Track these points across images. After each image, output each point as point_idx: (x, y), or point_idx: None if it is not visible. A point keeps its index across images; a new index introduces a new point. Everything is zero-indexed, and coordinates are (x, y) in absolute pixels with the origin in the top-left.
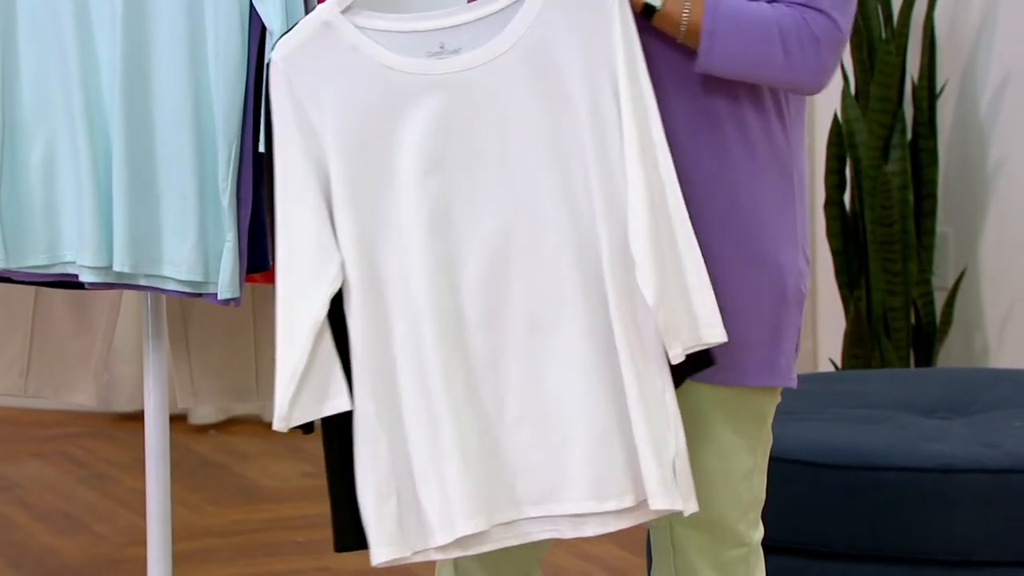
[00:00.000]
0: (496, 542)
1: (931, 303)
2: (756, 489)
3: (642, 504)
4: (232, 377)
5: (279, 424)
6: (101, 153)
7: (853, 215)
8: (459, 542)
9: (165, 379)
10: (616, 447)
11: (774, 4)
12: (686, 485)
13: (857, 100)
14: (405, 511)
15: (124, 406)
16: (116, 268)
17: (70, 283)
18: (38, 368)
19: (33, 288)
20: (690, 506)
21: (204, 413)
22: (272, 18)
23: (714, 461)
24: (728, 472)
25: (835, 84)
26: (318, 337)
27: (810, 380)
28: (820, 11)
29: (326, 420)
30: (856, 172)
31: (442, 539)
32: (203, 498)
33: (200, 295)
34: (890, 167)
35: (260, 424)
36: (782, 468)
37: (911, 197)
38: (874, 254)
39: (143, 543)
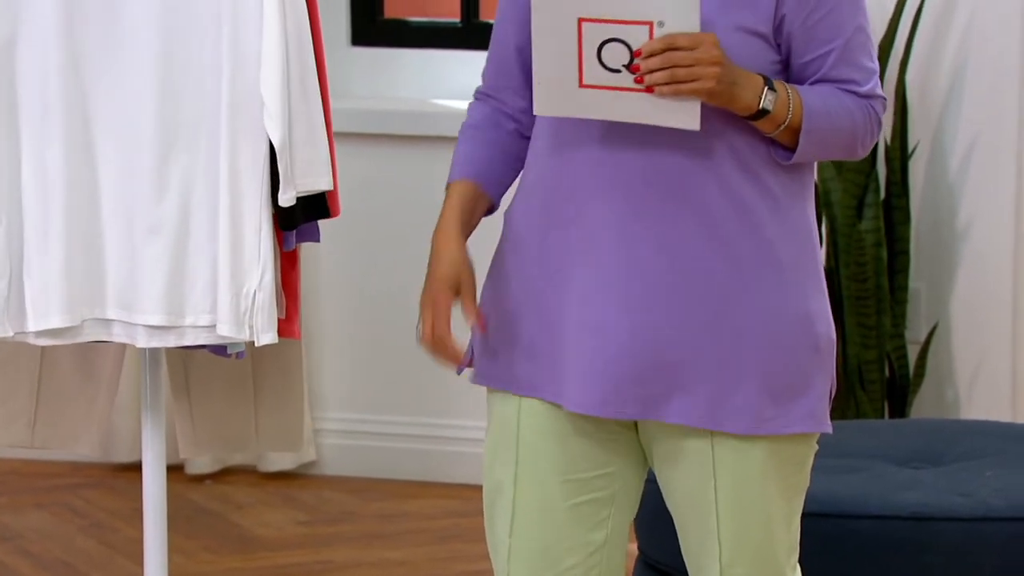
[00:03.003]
0: (87, 335)
1: (904, 356)
2: (795, 533)
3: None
4: (232, 428)
5: None
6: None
7: (828, 271)
8: (52, 332)
9: (163, 430)
10: (200, 271)
11: (847, 92)
12: (263, 319)
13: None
14: (13, 294)
15: (123, 457)
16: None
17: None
18: (44, 420)
19: None
20: (263, 339)
21: (200, 463)
22: None
23: (760, 508)
24: (773, 518)
25: None
26: None
27: None
28: (878, 97)
29: None
30: (831, 230)
31: (34, 326)
32: (199, 546)
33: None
34: (864, 225)
35: (255, 474)
36: None
37: (884, 254)
38: (849, 309)
39: None
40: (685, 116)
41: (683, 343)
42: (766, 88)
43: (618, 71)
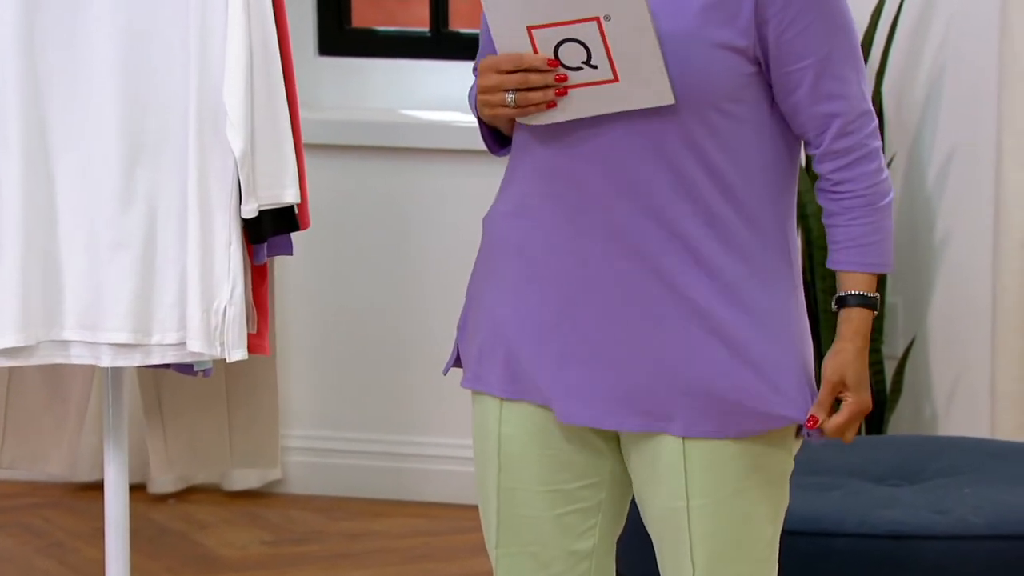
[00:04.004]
0: (43, 357)
1: (881, 372)
2: (774, 554)
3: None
4: (206, 445)
5: None
6: None
7: (804, 285)
8: (6, 352)
9: (125, 449)
10: (168, 286)
11: (861, 192)
12: (234, 335)
13: (808, 172)
14: None
15: (84, 476)
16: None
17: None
18: (13, 440)
19: None
20: (234, 355)
21: (163, 482)
22: None
23: (738, 528)
24: (752, 540)
25: None
26: None
27: None
28: (868, 126)
29: None
30: (807, 242)
31: None
32: (162, 567)
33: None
34: None
35: (219, 493)
36: None
37: None
38: (825, 323)
39: None
40: (657, 93)
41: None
42: (871, 312)
43: (580, 68)
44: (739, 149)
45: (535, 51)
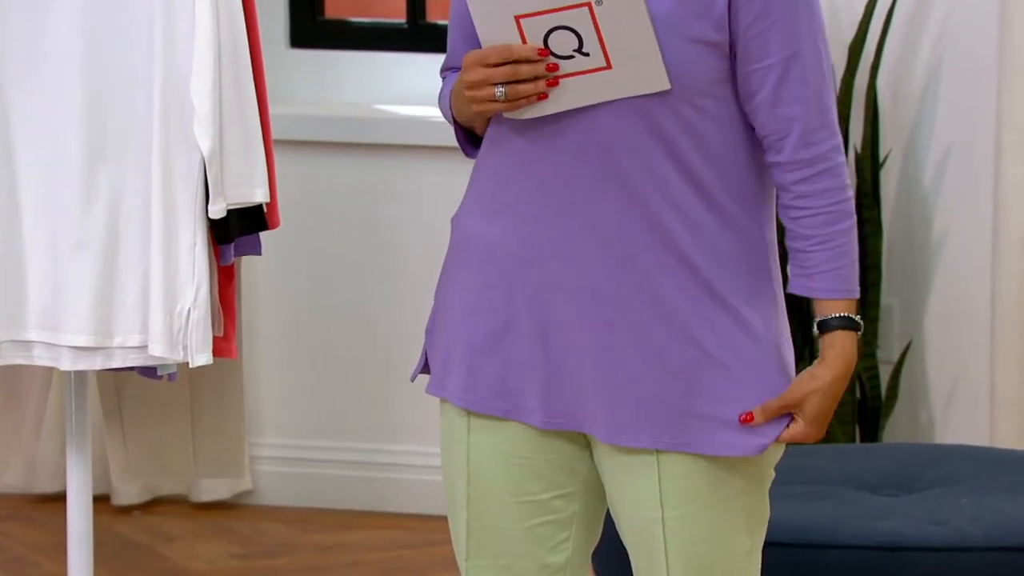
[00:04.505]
0: (5, 358)
1: (876, 376)
2: (755, 567)
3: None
4: (169, 454)
5: None
6: None
7: None
8: None
9: (89, 458)
10: (130, 287)
11: (823, 210)
12: (198, 338)
13: None
14: None
15: (44, 487)
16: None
17: None
18: None
19: None
20: (198, 359)
21: (128, 493)
22: None
23: (715, 540)
24: (729, 553)
25: None
26: None
27: None
28: (828, 140)
29: None
30: None
31: None
32: None
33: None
34: None
35: (186, 504)
36: None
37: None
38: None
39: None
40: (652, 79)
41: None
42: (856, 334)
43: (572, 56)
44: (714, 146)
45: (524, 41)
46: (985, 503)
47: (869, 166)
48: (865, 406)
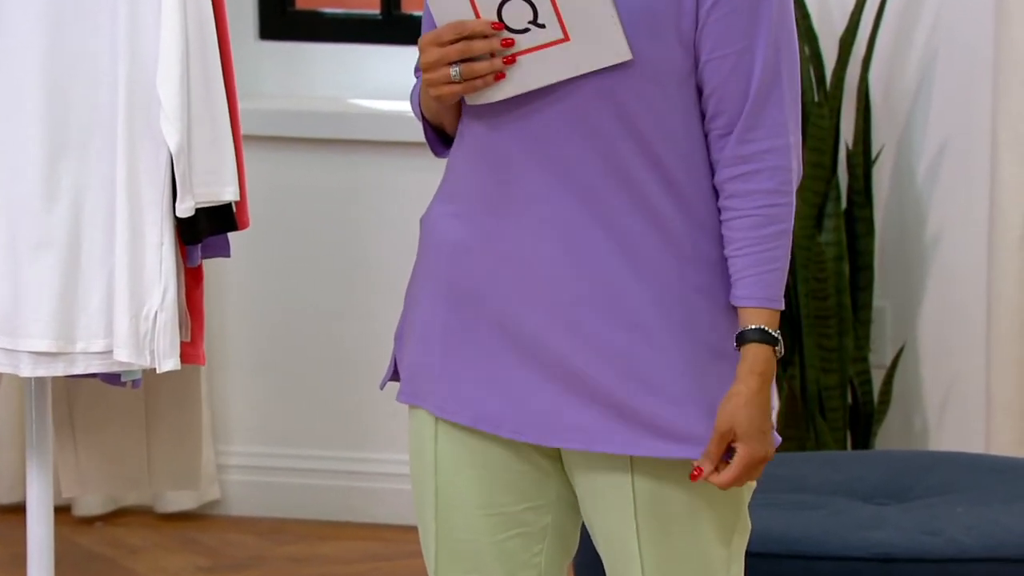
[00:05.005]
0: None
1: (868, 381)
2: None
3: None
4: (123, 463)
5: None
6: None
7: (785, 288)
8: None
9: (50, 468)
10: (94, 290)
11: (759, 209)
12: (165, 343)
13: None
14: None
15: (2, 497)
16: None
17: None
18: None
19: None
20: (165, 365)
21: (90, 503)
22: None
23: (691, 552)
24: (706, 564)
25: None
26: None
27: None
28: (780, 166)
29: None
30: None
31: None
32: None
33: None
34: (824, 237)
35: (151, 515)
36: None
37: (846, 269)
38: (808, 329)
39: None
40: (613, 50)
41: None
42: (775, 350)
43: (527, 30)
44: (678, 133)
45: (477, 16)
46: (981, 513)
47: (861, 163)
48: (857, 412)
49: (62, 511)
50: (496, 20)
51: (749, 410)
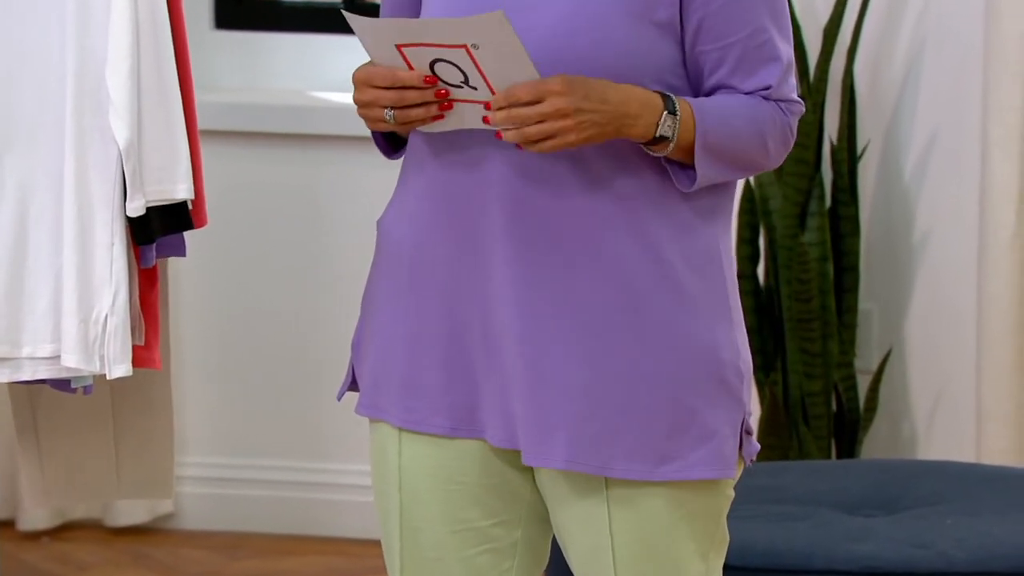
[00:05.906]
0: None
1: (854, 387)
2: None
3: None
4: (90, 472)
5: None
6: None
7: (767, 290)
8: None
9: None
10: (40, 292)
11: (752, 97)
12: (116, 348)
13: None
14: None
15: None
16: None
17: None
18: None
19: None
20: (116, 370)
21: (36, 517)
22: None
23: (668, 566)
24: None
25: None
26: None
27: None
28: (790, 100)
29: None
30: (770, 242)
31: None
32: None
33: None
34: (807, 237)
35: (101, 529)
36: None
37: (831, 270)
38: (791, 333)
39: None
40: None
41: (573, 378)
42: (665, 112)
43: (460, 87)
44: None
45: (410, 68)
46: (972, 524)
47: (846, 159)
48: (842, 419)
49: (6, 525)
50: (429, 73)
51: (604, 108)
